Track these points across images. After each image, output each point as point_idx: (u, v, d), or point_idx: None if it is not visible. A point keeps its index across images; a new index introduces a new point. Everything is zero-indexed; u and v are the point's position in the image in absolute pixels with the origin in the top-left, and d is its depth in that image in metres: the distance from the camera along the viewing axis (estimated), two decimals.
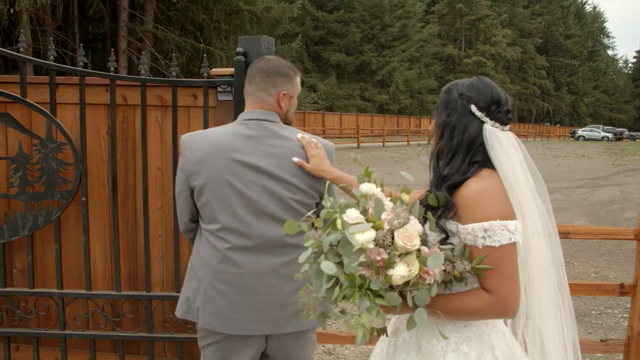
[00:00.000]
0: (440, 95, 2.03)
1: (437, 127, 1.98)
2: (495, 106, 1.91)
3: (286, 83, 2.42)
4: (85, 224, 3.29)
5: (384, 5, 55.08)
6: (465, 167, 1.88)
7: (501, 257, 1.76)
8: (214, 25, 32.75)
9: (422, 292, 1.66)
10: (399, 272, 1.62)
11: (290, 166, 2.34)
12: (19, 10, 18.50)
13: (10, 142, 3.39)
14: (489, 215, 1.76)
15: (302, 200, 2.36)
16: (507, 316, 1.82)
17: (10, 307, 3.42)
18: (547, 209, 1.93)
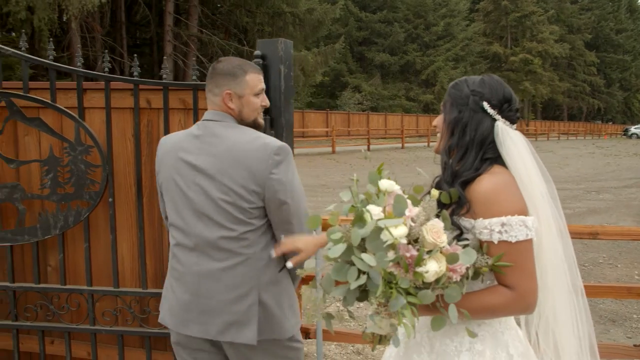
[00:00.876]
0: (448, 91, 2.02)
1: (448, 124, 1.97)
2: (507, 104, 1.94)
3: (230, 82, 2.42)
4: (112, 224, 3.42)
5: (428, 4, 54.60)
6: (477, 164, 1.88)
7: (520, 252, 1.77)
8: (257, 28, 33.09)
9: (452, 288, 1.66)
10: (432, 269, 1.62)
11: (224, 166, 2.33)
12: (68, 18, 18.99)
13: (43, 146, 3.54)
14: (507, 210, 1.78)
15: (233, 201, 2.32)
16: (528, 312, 1.84)
17: (44, 303, 3.57)
18: (558, 209, 1.95)
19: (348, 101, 48.25)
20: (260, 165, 2.30)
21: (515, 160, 1.89)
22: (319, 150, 29.07)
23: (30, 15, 19.12)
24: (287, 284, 2.49)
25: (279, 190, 2.32)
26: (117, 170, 3.48)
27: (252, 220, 2.34)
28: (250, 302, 2.36)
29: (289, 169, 2.38)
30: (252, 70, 2.47)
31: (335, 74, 51.27)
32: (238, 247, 2.34)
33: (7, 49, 3.47)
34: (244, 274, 2.35)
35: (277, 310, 2.41)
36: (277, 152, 2.34)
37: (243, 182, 2.30)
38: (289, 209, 2.37)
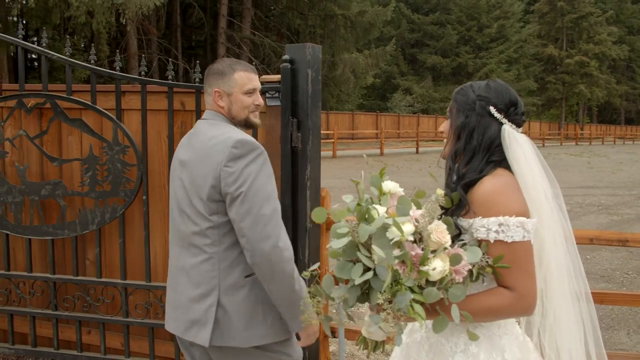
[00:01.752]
0: (454, 97, 2.05)
1: (455, 129, 1.99)
2: (513, 108, 1.95)
3: (219, 81, 2.43)
4: (145, 220, 3.58)
5: (481, 6, 53.83)
6: (481, 166, 1.91)
7: (517, 253, 1.78)
8: (309, 30, 33.36)
9: (456, 287, 1.67)
10: (438, 267, 1.63)
11: (196, 161, 2.33)
12: (125, 21, 19.59)
13: (84, 145, 3.73)
14: (505, 210, 1.79)
15: (199, 196, 2.30)
16: (528, 313, 1.84)
17: (81, 294, 3.76)
18: (563, 212, 1.96)
19: (399, 103, 48.04)
20: (218, 157, 2.24)
21: (521, 163, 1.90)
22: (367, 152, 29.05)
23: (90, 19, 19.80)
24: (254, 291, 2.33)
25: (229, 184, 2.21)
26: (151, 170, 3.64)
27: (212, 217, 2.28)
28: (209, 303, 2.30)
29: (252, 166, 2.24)
30: (241, 69, 2.45)
31: (386, 76, 51.14)
32: (203, 243, 2.32)
33: (52, 54, 3.67)
34: (206, 273, 2.32)
35: (235, 317, 2.30)
36: (235, 145, 2.25)
37: (205, 175, 2.27)
38: (241, 207, 2.20)
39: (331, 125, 33.74)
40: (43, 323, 3.93)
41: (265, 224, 2.19)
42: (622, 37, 64.59)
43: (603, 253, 8.52)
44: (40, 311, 3.83)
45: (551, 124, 61.01)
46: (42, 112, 3.78)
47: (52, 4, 18.67)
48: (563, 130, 55.65)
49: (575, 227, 2.08)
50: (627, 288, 6.97)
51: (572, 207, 12.98)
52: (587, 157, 31.28)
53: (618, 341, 5.27)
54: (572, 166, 25.15)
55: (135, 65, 25.61)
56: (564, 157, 31.44)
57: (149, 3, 19.63)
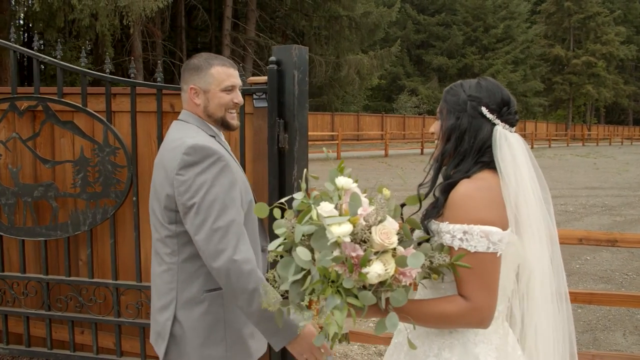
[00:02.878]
0: (444, 97, 1.97)
1: (445, 131, 1.92)
2: (506, 108, 1.88)
3: (194, 77, 2.27)
4: (135, 221, 3.61)
5: (487, 6, 53.78)
6: (468, 167, 1.85)
7: (479, 264, 1.73)
8: (314, 32, 33.42)
9: (398, 292, 1.62)
10: (375, 270, 1.56)
11: (157, 167, 2.22)
12: (127, 24, 19.68)
13: (76, 147, 3.77)
14: (472, 218, 1.73)
15: (157, 203, 2.20)
16: (481, 326, 1.79)
17: (73, 295, 3.80)
18: (550, 215, 1.89)
19: (404, 104, 48.03)
20: (171, 164, 2.10)
21: (508, 165, 1.83)
22: (371, 153, 29.06)
23: (94, 21, 19.90)
24: (215, 308, 2.19)
25: (182, 193, 2.07)
26: (142, 171, 3.67)
27: (170, 226, 2.15)
28: (167, 316, 2.20)
29: (205, 174, 2.08)
30: (219, 64, 2.28)
31: (392, 77, 51.16)
32: (163, 252, 2.21)
33: (43, 57, 3.71)
34: (166, 284, 2.21)
35: (191, 334, 2.17)
36: (187, 151, 2.09)
37: (161, 182, 2.16)
38: (195, 219, 2.05)
39: (336, 126, 33.77)
40: (37, 323, 3.97)
41: (221, 237, 2.03)
42: (630, 37, 64.31)
43: (604, 254, 8.50)
44: (33, 311, 3.87)
45: (558, 124, 60.77)
46: (35, 114, 3.82)
47: (56, 7, 18.75)
48: (570, 131, 55.42)
49: (578, 228, 2.03)
50: (626, 289, 6.96)
51: (576, 208, 12.95)
52: (593, 158, 31.15)
53: (614, 342, 5.27)
54: (578, 167, 25.06)
55: (140, 68, 25.74)
56: (570, 157, 31.33)
57: (152, 5, 19.70)
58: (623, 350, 5.03)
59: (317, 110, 35.64)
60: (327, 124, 35.73)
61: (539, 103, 56.41)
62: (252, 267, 2.06)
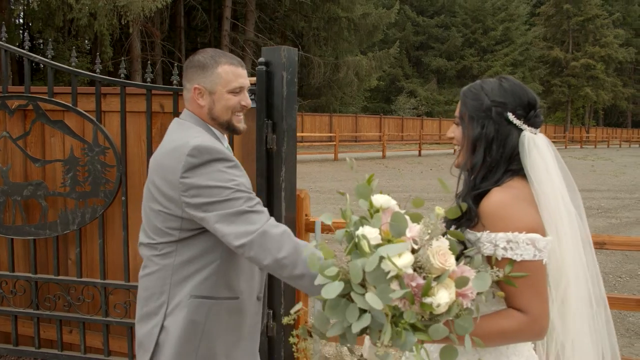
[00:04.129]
0: (464, 100, 1.85)
1: (470, 140, 1.81)
2: (533, 111, 1.78)
3: (199, 76, 2.12)
4: (124, 221, 3.61)
5: (486, 8, 53.93)
6: (498, 177, 1.76)
7: (529, 272, 1.63)
8: (313, 33, 33.48)
9: (464, 319, 1.48)
10: (443, 300, 1.42)
11: (155, 167, 2.10)
12: (126, 23, 19.70)
13: (67, 147, 3.78)
14: (514, 226, 1.65)
15: (151, 206, 2.10)
16: (540, 337, 1.71)
17: (62, 294, 3.80)
18: (582, 219, 1.80)
19: (403, 106, 48.08)
20: (173, 166, 1.99)
21: (540, 172, 1.74)
22: (369, 154, 29.08)
23: (93, 21, 19.92)
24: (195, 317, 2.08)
25: (191, 196, 1.97)
26: (132, 171, 3.67)
27: (169, 230, 2.06)
28: (154, 323, 2.10)
29: (214, 174, 1.97)
30: (226, 62, 2.13)
31: (390, 79, 51.20)
32: (154, 254, 2.12)
33: (33, 56, 3.72)
34: (157, 287, 2.11)
35: (169, 341, 2.07)
36: (191, 152, 1.97)
37: (158, 183, 2.04)
38: (208, 225, 1.98)
39: (334, 127, 33.79)
40: (25, 322, 3.98)
41: (246, 218, 1.93)
42: (629, 39, 64.39)
43: (598, 256, 8.35)
44: (22, 310, 3.87)
45: (557, 127, 60.77)
46: (25, 113, 3.83)
47: (55, 6, 18.78)
48: (568, 133, 55.39)
49: None
50: (619, 291, 6.96)
51: None
52: (591, 160, 31.20)
53: None
54: (576, 169, 25.06)
55: (139, 68, 25.75)
56: (568, 160, 31.19)
57: (151, 5, 19.73)
58: None
59: (316, 111, 35.68)
60: (325, 125, 35.75)
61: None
62: (284, 228, 1.97)
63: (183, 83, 2.22)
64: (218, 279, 2.09)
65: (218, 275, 2.09)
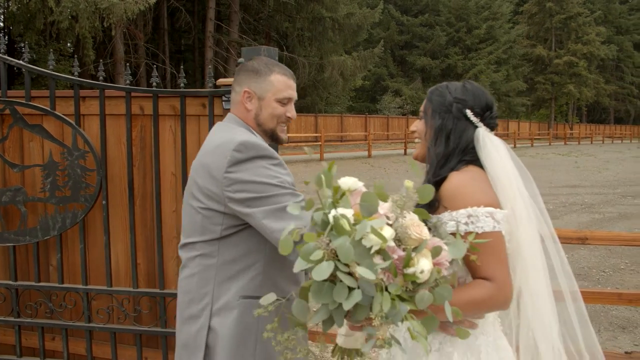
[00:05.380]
0: (429, 97, 2.02)
1: (432, 132, 1.98)
2: (489, 112, 1.96)
3: (251, 80, 2.16)
4: (105, 225, 3.57)
5: (470, 7, 54.10)
6: (453, 165, 1.92)
7: (491, 243, 1.76)
8: (297, 33, 33.48)
9: (443, 287, 1.52)
10: (426, 267, 1.48)
11: (197, 167, 2.11)
12: (107, 26, 19.56)
13: (46, 151, 3.73)
14: (473, 202, 1.80)
15: (193, 205, 2.10)
16: (506, 306, 1.82)
17: (43, 301, 3.75)
18: (541, 210, 1.95)
19: (388, 105, 48.19)
20: (217, 163, 1.99)
21: (495, 162, 1.91)
22: (355, 154, 29.12)
23: (74, 23, 19.75)
24: (246, 318, 2.06)
25: (235, 192, 1.96)
26: (112, 174, 3.63)
27: (213, 227, 2.05)
28: (199, 326, 2.09)
29: (260, 170, 1.97)
30: (280, 72, 2.18)
31: (375, 78, 51.27)
32: (196, 255, 2.11)
33: (10, 60, 3.67)
34: (199, 288, 2.10)
35: (221, 343, 2.05)
36: (237, 148, 1.98)
37: (202, 182, 2.05)
38: (253, 221, 1.97)
39: (319, 128, 33.79)
40: (6, 330, 3.91)
41: (290, 217, 1.86)
42: (611, 37, 65.06)
43: (581, 252, 8.57)
44: (2, 318, 3.81)
45: (541, 124, 61.28)
46: (3, 118, 3.77)
47: (35, 9, 18.60)
48: (552, 130, 55.87)
49: (557, 226, 2.07)
50: (602, 286, 7.01)
51: (556, 206, 13.05)
52: (574, 157, 31.45)
53: None
54: (560, 166, 25.26)
55: (122, 71, 25.56)
56: (552, 156, 31.59)
57: (134, 8, 19.61)
58: None
59: (301, 111, 35.64)
60: (311, 125, 35.74)
61: (521, 103, 56.85)
62: None
63: (232, 86, 2.24)
64: (264, 279, 2.07)
65: (264, 276, 2.08)
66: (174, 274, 3.63)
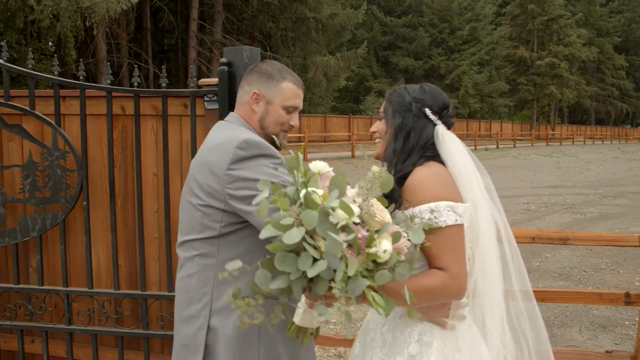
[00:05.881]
0: (389, 98, 2.13)
1: (392, 130, 2.07)
2: (446, 111, 2.08)
3: (262, 83, 2.18)
4: (86, 226, 3.54)
5: (453, 8, 54.39)
6: (415, 161, 2.01)
7: (450, 236, 1.86)
8: (281, 33, 33.36)
9: (402, 266, 1.61)
10: (388, 247, 1.57)
11: (197, 164, 2.10)
12: (90, 25, 19.37)
13: (25, 151, 3.68)
14: (435, 197, 1.88)
15: (192, 201, 2.08)
16: (459, 296, 1.92)
17: (22, 303, 3.71)
18: (496, 204, 2.08)
19: (372, 105, 48.24)
20: (219, 160, 1.99)
21: (455, 157, 2.01)
22: (339, 154, 29.14)
23: (56, 22, 19.52)
24: None
25: (237, 189, 1.95)
26: (93, 175, 3.60)
27: (213, 224, 2.03)
28: (197, 325, 2.07)
29: (262, 168, 1.97)
30: (291, 80, 2.21)
31: (359, 79, 51.35)
32: (195, 254, 2.08)
33: None
34: (198, 289, 2.08)
35: (223, 344, 2.04)
36: (240, 145, 1.98)
37: (202, 180, 2.04)
38: (254, 219, 1.96)
39: (303, 128, 33.77)
40: None
41: None
42: (592, 39, 65.80)
43: (563, 252, 8.64)
44: None
45: (523, 124, 61.76)
46: None
47: (15, 7, 18.36)
48: (534, 130, 56.36)
49: (539, 226, 2.18)
50: (584, 285, 7.08)
51: (538, 206, 13.15)
52: (556, 157, 31.71)
53: (570, 338, 5.35)
54: (542, 166, 25.47)
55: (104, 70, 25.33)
56: (534, 157, 31.83)
57: (116, 7, 19.41)
58: (578, 346, 5.11)
59: None
60: None
61: (504, 103, 57.26)
62: None
63: (241, 85, 2.25)
64: None
65: None
66: (156, 275, 3.61)
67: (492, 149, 39.07)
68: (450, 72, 52.79)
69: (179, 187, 3.50)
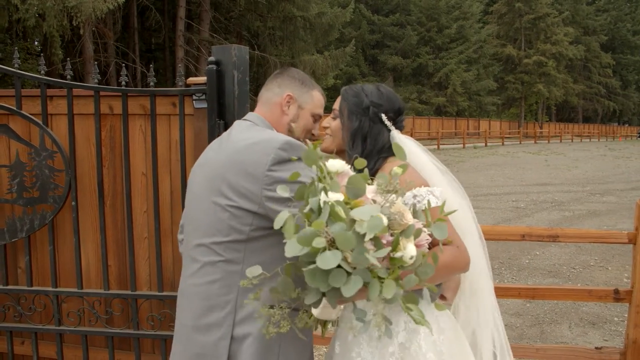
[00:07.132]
0: (344, 96, 2.18)
1: (349, 133, 2.13)
2: (400, 116, 2.16)
3: (296, 88, 2.17)
4: (75, 226, 3.51)
5: (441, 7, 54.51)
6: (374, 162, 2.09)
7: (438, 215, 1.83)
8: (269, 32, 33.28)
9: (424, 265, 1.56)
10: (413, 252, 1.53)
11: (224, 164, 1.99)
12: (76, 24, 19.24)
13: (12, 151, 3.65)
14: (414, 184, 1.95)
15: (219, 200, 1.97)
16: (467, 268, 1.96)
17: (12, 304, 3.67)
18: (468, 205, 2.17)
19: None
20: (257, 160, 1.90)
21: (418, 156, 2.12)
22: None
23: (42, 22, 19.37)
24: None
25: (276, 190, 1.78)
26: (82, 175, 3.57)
27: (242, 227, 1.93)
28: (219, 335, 1.97)
29: (305, 170, 1.83)
30: (319, 90, 2.25)
31: (347, 77, 51.31)
32: (216, 260, 1.98)
33: None
34: (220, 296, 1.98)
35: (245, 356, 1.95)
36: (283, 146, 1.90)
37: (234, 180, 1.94)
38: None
39: None
40: None
41: None
42: (578, 37, 66.20)
43: (552, 249, 8.69)
44: None
45: (511, 122, 62.08)
46: None
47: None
48: (522, 128, 56.66)
49: (528, 224, 2.24)
50: (573, 282, 7.12)
51: (527, 204, 13.21)
52: (544, 155, 31.89)
53: (560, 334, 5.38)
54: (530, 164, 25.61)
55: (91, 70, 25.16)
56: (522, 155, 31.98)
57: (103, 6, 19.30)
58: (568, 342, 5.14)
59: None
60: None
61: (492, 102, 57.49)
62: None
63: (270, 87, 2.21)
64: None
65: None
66: (146, 275, 3.60)
67: (481, 147, 39.22)
68: (438, 71, 52.94)
69: (168, 186, 3.49)
